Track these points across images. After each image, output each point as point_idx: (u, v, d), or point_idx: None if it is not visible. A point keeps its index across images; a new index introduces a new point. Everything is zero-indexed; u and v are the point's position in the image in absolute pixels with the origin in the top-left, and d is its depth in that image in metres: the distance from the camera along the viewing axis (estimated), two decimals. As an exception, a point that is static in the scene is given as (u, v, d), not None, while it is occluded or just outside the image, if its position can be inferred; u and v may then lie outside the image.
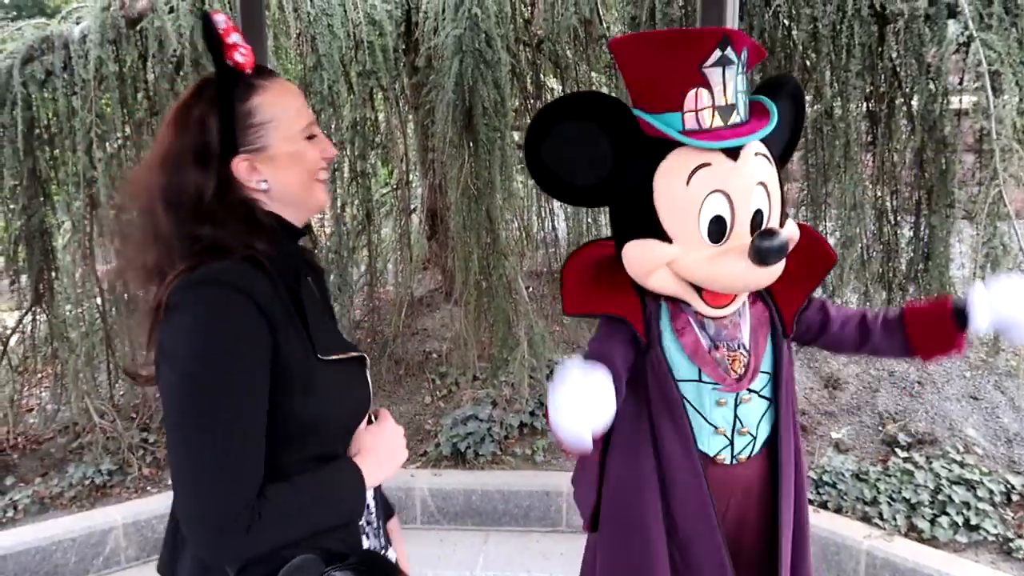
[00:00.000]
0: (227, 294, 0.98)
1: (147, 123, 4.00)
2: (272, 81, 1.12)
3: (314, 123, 1.15)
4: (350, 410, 1.16)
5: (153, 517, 3.20)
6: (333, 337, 1.16)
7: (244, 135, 1.07)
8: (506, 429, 3.92)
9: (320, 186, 1.16)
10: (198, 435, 0.96)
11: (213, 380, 0.96)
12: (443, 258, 4.99)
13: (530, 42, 4.40)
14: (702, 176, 1.34)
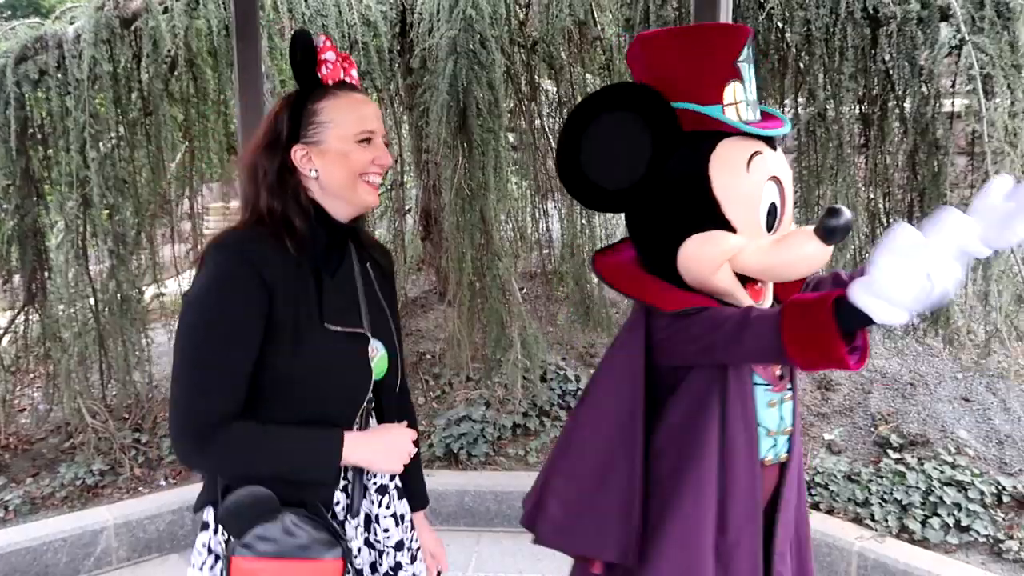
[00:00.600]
0: (231, 257, 1.21)
1: (141, 123, 4.00)
2: (347, 93, 1.31)
3: (374, 133, 1.31)
4: (344, 381, 1.28)
5: (144, 517, 3.19)
6: (348, 315, 1.31)
7: (306, 129, 1.29)
8: (499, 430, 3.92)
9: (366, 187, 1.31)
10: (185, 361, 1.21)
11: (203, 323, 1.20)
12: (437, 259, 4.99)
13: (524, 43, 4.40)
14: (758, 163, 1.33)
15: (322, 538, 1.22)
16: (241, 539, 1.20)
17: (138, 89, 3.92)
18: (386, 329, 1.39)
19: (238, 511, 1.20)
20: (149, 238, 4.12)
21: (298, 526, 1.21)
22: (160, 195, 4.22)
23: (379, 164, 1.31)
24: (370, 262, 1.42)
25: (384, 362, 1.36)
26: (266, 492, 1.21)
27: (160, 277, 4.20)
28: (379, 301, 1.40)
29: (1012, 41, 3.09)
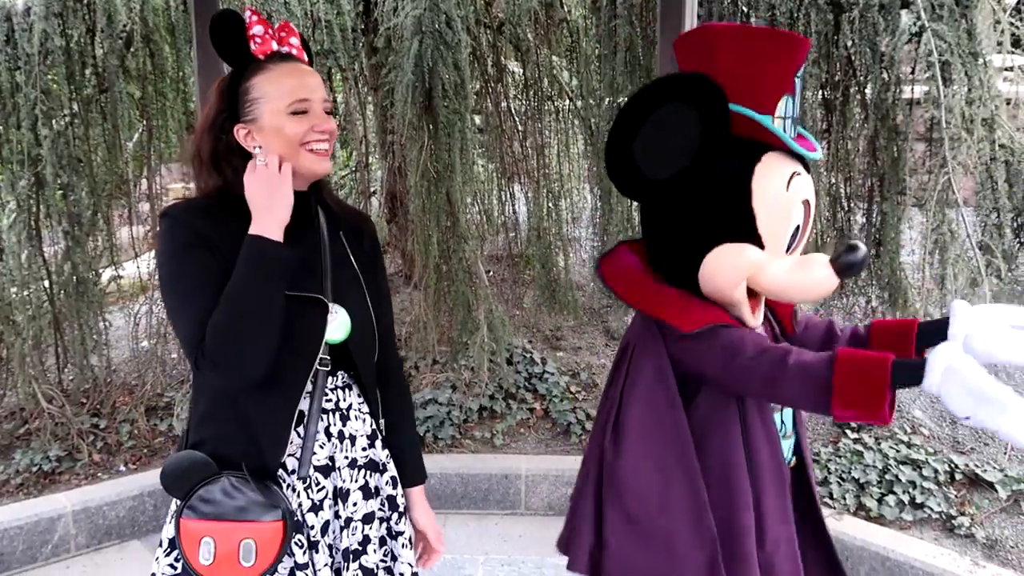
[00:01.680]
0: (172, 224, 1.28)
1: (96, 100, 3.89)
2: (278, 65, 1.32)
3: (309, 101, 1.31)
4: (293, 343, 1.27)
5: (104, 504, 3.14)
6: (305, 276, 1.32)
7: (242, 108, 1.30)
8: (465, 413, 3.92)
9: (310, 155, 1.31)
10: (169, 306, 1.31)
11: (168, 276, 1.28)
12: (403, 242, 4.95)
13: (491, 24, 4.37)
14: (797, 184, 1.31)
15: (260, 500, 1.24)
16: (185, 501, 1.24)
17: (92, 65, 3.80)
18: (355, 297, 1.38)
19: (175, 474, 1.25)
20: (106, 219, 4.01)
21: (236, 488, 1.24)
22: (117, 175, 4.10)
23: (318, 131, 1.31)
24: (343, 229, 1.43)
25: (345, 326, 1.35)
26: (201, 456, 1.26)
27: (118, 259, 4.11)
28: (351, 267, 1.41)
29: (970, 29, 3.14)
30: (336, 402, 1.39)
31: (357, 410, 1.43)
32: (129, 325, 4.26)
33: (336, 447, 1.37)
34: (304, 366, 1.30)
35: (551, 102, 4.73)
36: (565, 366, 4.41)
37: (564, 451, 3.78)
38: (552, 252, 4.65)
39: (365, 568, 1.39)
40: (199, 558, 1.24)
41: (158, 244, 1.31)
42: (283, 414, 1.29)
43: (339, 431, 1.38)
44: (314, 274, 1.34)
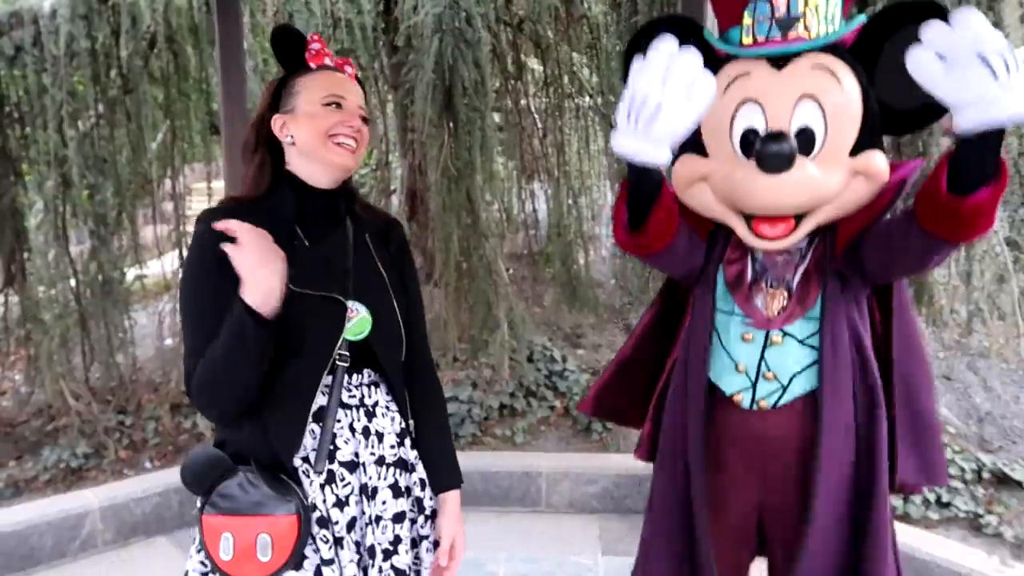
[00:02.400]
0: (202, 232, 1.30)
1: (120, 101, 3.93)
2: (325, 71, 1.41)
3: (343, 99, 1.38)
4: (309, 341, 1.31)
5: (130, 500, 3.17)
6: (325, 277, 1.35)
7: (284, 101, 1.39)
8: (486, 410, 3.93)
9: (336, 148, 1.36)
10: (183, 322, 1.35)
11: (183, 296, 1.33)
12: (423, 239, 4.96)
13: (511, 22, 4.36)
14: (737, 85, 1.30)
15: (275, 495, 1.26)
16: (206, 497, 1.27)
17: (117, 66, 3.85)
18: (379, 296, 1.40)
19: (192, 471, 1.28)
20: (130, 219, 4.07)
21: (251, 483, 1.26)
22: (141, 175, 4.15)
23: (347, 125, 1.37)
24: (370, 232, 1.46)
25: (365, 324, 1.37)
26: (217, 452, 1.29)
27: (142, 258, 4.16)
28: (376, 268, 1.43)
29: (997, 21, 3.09)
30: (361, 398, 1.38)
31: (384, 408, 1.42)
32: (153, 323, 4.31)
33: (361, 443, 1.36)
34: (321, 363, 1.32)
35: (571, 99, 4.71)
36: (585, 364, 4.40)
37: (585, 449, 3.77)
38: (572, 249, 4.64)
39: (397, 569, 1.38)
40: (220, 553, 1.26)
41: (190, 248, 1.35)
42: (298, 411, 1.29)
43: (364, 427, 1.38)
44: (335, 274, 1.36)
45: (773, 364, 1.38)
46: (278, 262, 1.25)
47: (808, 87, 1.26)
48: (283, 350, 1.27)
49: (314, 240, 1.36)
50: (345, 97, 1.38)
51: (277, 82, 1.43)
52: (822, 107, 1.26)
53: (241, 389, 1.26)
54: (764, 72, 1.29)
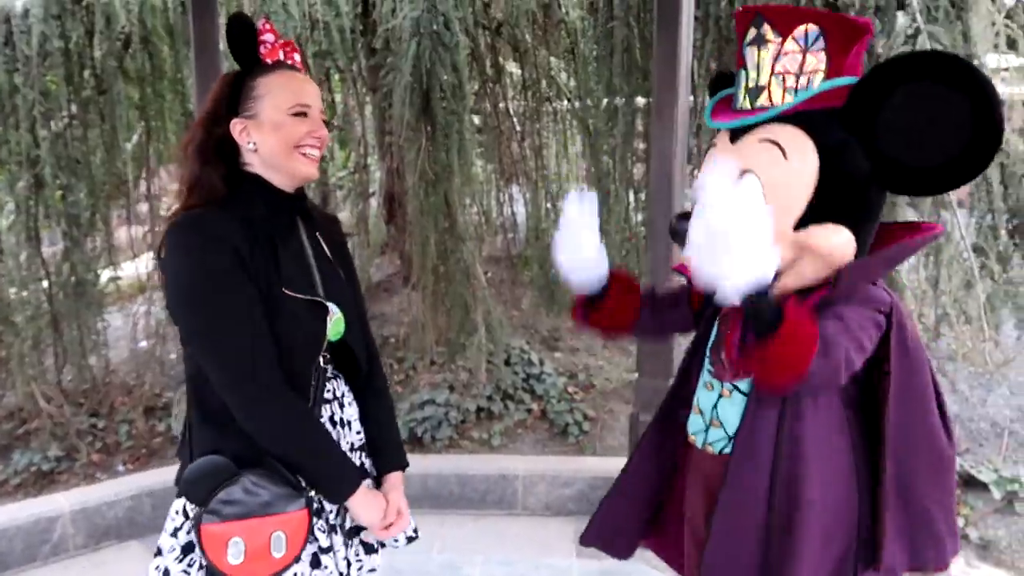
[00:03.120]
0: (198, 235, 1.25)
1: (94, 101, 3.89)
2: (284, 70, 1.37)
3: (309, 108, 1.35)
4: (300, 344, 1.33)
5: (102, 503, 3.14)
6: (304, 279, 1.36)
7: (243, 104, 1.33)
8: (463, 413, 3.93)
9: (302, 159, 1.35)
10: (212, 334, 1.26)
11: (208, 297, 1.25)
12: (401, 242, 4.96)
13: (489, 25, 4.38)
14: (707, 156, 1.35)
15: (283, 492, 1.27)
16: (206, 506, 1.25)
17: (91, 66, 3.81)
18: (342, 292, 1.44)
19: (197, 479, 1.26)
20: (104, 220, 4.03)
21: (258, 485, 1.26)
22: (115, 176, 4.11)
23: (314, 136, 1.36)
24: (318, 230, 1.46)
25: (341, 323, 1.41)
26: (222, 459, 1.27)
27: (116, 260, 4.12)
28: (331, 264, 1.45)
29: (965, 31, 3.16)
30: (333, 391, 1.44)
31: (348, 397, 1.48)
32: (127, 325, 4.27)
33: (340, 433, 1.42)
34: (310, 365, 1.36)
35: (549, 103, 4.74)
36: (563, 367, 4.42)
37: (561, 452, 3.79)
38: (550, 253, 4.65)
39: (365, 544, 1.47)
40: (227, 559, 1.25)
41: (185, 254, 1.26)
42: None
43: (340, 418, 1.44)
44: (307, 275, 1.38)
45: (721, 415, 1.41)
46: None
47: (748, 162, 1.24)
48: (277, 353, 1.28)
49: (284, 241, 1.35)
50: (311, 105, 1.36)
51: (232, 79, 1.36)
52: (760, 181, 1.23)
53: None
54: (724, 144, 1.31)
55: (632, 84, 3.73)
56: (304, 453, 1.29)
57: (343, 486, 1.32)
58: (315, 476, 1.30)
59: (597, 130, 4.11)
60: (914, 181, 1.25)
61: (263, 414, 1.26)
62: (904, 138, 1.20)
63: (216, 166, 1.32)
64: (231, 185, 1.33)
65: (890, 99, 1.20)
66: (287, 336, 1.30)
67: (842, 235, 1.23)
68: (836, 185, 1.23)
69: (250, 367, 1.25)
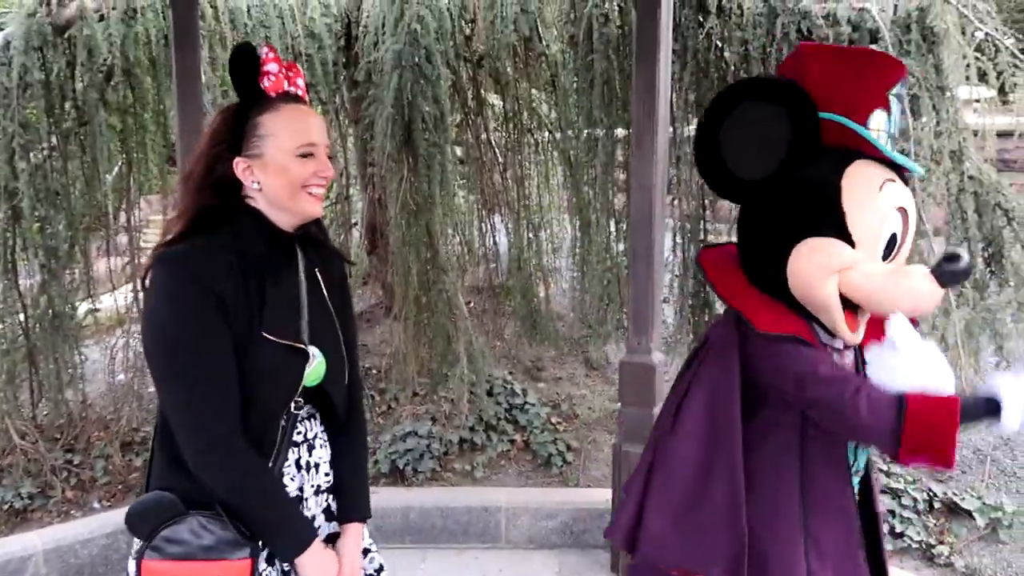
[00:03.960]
0: (181, 275, 1.24)
1: (75, 133, 3.88)
2: (289, 105, 1.33)
3: (316, 146, 1.32)
4: (273, 388, 1.31)
5: (76, 542, 3.07)
6: (290, 322, 1.33)
7: (248, 142, 1.30)
8: (445, 445, 3.89)
9: (308, 198, 1.33)
10: (175, 379, 1.24)
11: (178, 340, 1.23)
12: (383, 273, 4.95)
13: (471, 58, 4.42)
14: (890, 189, 1.33)
15: (229, 538, 1.25)
16: (149, 542, 1.24)
17: (72, 98, 3.80)
18: (329, 335, 1.41)
19: (142, 514, 1.25)
20: (83, 252, 3.99)
21: (205, 528, 1.24)
22: (95, 207, 4.09)
23: (321, 176, 1.33)
24: (318, 267, 1.43)
25: (322, 368, 1.38)
26: (170, 496, 1.26)
27: (95, 292, 4.07)
28: (325, 306, 1.42)
29: (937, 64, 3.23)
30: (304, 433, 1.41)
31: (321, 439, 1.45)
32: (105, 358, 4.21)
33: (304, 477, 1.40)
34: (280, 411, 1.34)
35: (530, 134, 4.77)
36: (546, 397, 4.40)
37: (545, 483, 3.76)
38: (532, 283, 4.66)
39: None
40: None
41: (164, 290, 1.25)
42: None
43: (307, 461, 1.41)
44: (295, 318, 1.35)
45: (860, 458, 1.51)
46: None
47: (912, 204, 1.38)
48: (248, 399, 1.27)
49: (275, 279, 1.32)
50: (316, 143, 1.33)
51: (233, 114, 1.33)
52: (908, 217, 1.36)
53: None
54: (900, 183, 1.36)
55: (612, 116, 3.78)
56: (254, 509, 1.27)
57: (292, 544, 1.31)
58: (264, 532, 1.28)
59: (578, 161, 4.14)
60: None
61: (216, 466, 1.25)
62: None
63: (213, 201, 1.30)
64: (229, 218, 1.31)
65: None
66: (261, 379, 1.28)
67: None
68: None
69: (209, 417, 1.23)
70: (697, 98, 3.70)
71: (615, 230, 4.08)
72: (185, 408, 1.24)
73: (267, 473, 1.29)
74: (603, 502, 3.28)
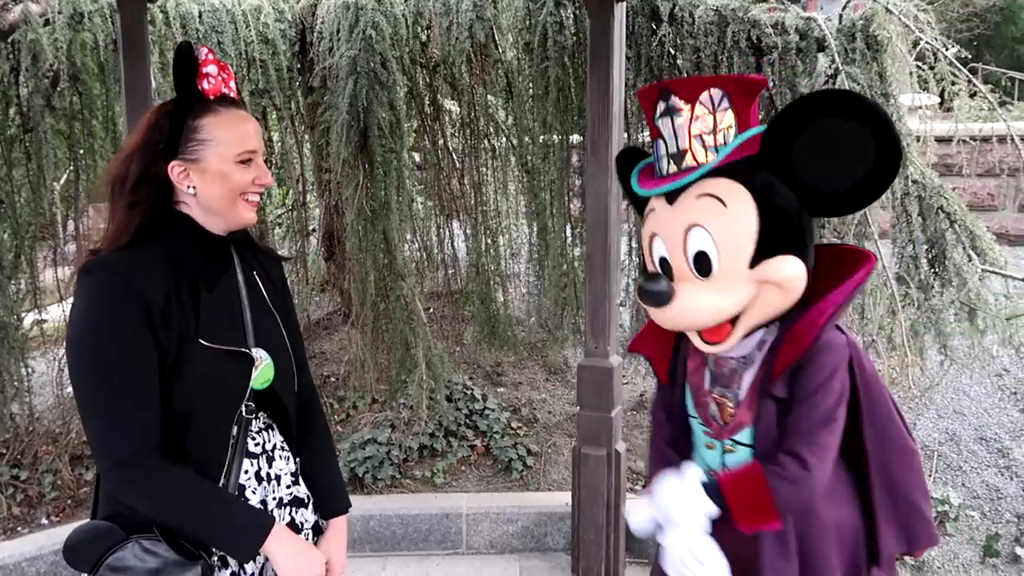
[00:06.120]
0: (107, 283, 1.19)
1: (20, 140, 3.78)
2: (229, 110, 1.30)
3: (255, 153, 1.31)
4: (216, 395, 1.27)
5: (23, 560, 2.99)
6: (231, 326, 1.30)
7: (185, 146, 1.27)
8: (405, 452, 3.88)
9: (245, 205, 1.32)
10: (90, 401, 1.19)
11: (96, 360, 1.18)
12: (341, 280, 4.91)
13: (427, 64, 4.42)
14: (648, 220, 1.45)
15: (175, 559, 1.21)
16: (93, 574, 1.20)
17: (16, 104, 3.71)
18: (274, 336, 1.39)
19: (78, 547, 1.21)
20: (29, 261, 3.88)
21: (148, 551, 1.20)
22: (42, 215, 3.98)
23: (259, 183, 1.33)
24: (256, 270, 1.42)
25: (270, 370, 1.36)
26: (106, 524, 1.22)
27: (41, 302, 3.97)
28: (267, 308, 1.40)
29: (881, 72, 3.32)
30: (262, 444, 1.38)
31: (281, 449, 1.43)
32: (53, 371, 4.10)
33: (266, 489, 1.37)
34: (229, 418, 1.30)
35: (487, 140, 4.78)
36: (506, 402, 4.41)
37: (506, 487, 3.76)
38: (491, 288, 4.67)
39: None
40: None
41: (87, 302, 1.19)
42: (211, 470, 1.27)
43: (267, 473, 1.38)
44: (235, 322, 1.33)
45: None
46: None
47: (693, 217, 1.36)
48: (192, 407, 1.24)
49: (210, 286, 1.29)
50: (256, 150, 1.32)
51: (170, 114, 1.28)
52: (709, 232, 1.35)
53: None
54: (662, 207, 1.42)
55: (567, 122, 3.81)
56: (187, 524, 1.22)
57: (246, 540, 1.25)
58: (212, 539, 1.24)
59: (534, 166, 4.17)
60: (832, 204, 1.39)
61: (129, 487, 1.20)
62: (816, 169, 1.33)
63: (146, 205, 1.25)
64: (160, 225, 1.26)
65: (799, 137, 1.32)
66: (202, 388, 1.24)
67: (793, 263, 1.36)
68: (774, 221, 1.35)
69: (118, 438, 1.18)
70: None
71: (571, 235, 4.11)
72: (95, 428, 1.19)
73: (192, 485, 1.22)
74: (563, 505, 3.30)
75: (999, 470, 3.77)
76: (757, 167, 1.36)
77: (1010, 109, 4.53)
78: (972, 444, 3.96)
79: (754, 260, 1.34)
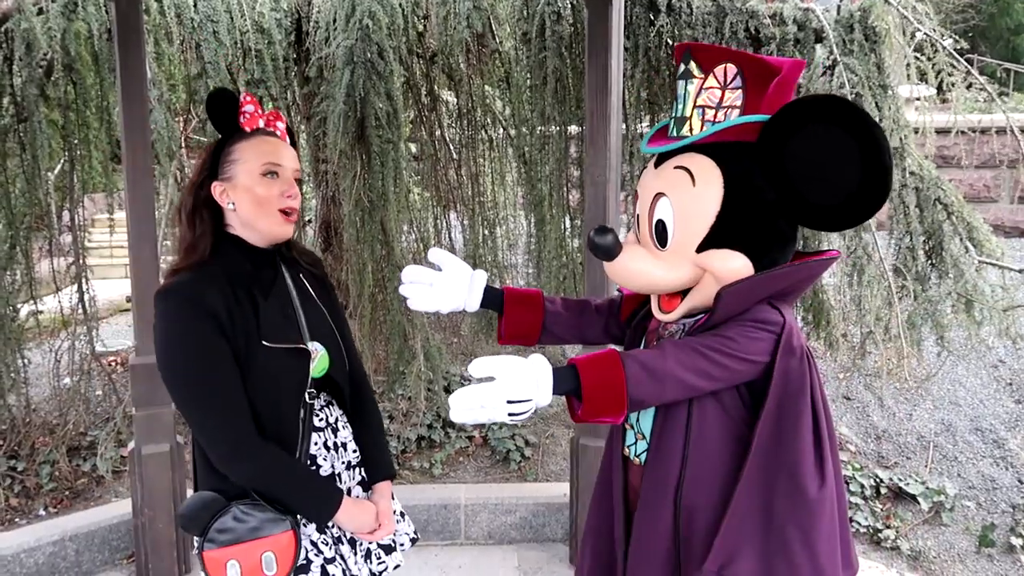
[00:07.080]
0: (184, 304, 1.41)
1: (14, 130, 3.75)
2: (261, 136, 1.53)
3: (280, 167, 1.50)
4: (283, 389, 1.49)
5: (21, 551, 2.98)
6: (288, 327, 1.52)
7: (222, 168, 1.50)
8: (404, 443, 3.88)
9: (277, 217, 1.50)
10: (193, 402, 1.44)
11: (184, 368, 1.42)
12: (338, 271, 4.90)
13: (424, 54, 4.40)
14: (640, 181, 1.45)
15: (269, 517, 1.46)
16: (204, 536, 1.45)
17: (10, 94, 3.68)
18: (325, 329, 1.60)
19: (190, 515, 1.46)
20: (25, 252, 3.86)
21: (247, 513, 1.46)
22: (37, 206, 3.96)
23: (286, 196, 1.50)
24: (302, 271, 1.63)
25: (325, 360, 1.57)
26: (210, 494, 1.47)
27: (37, 293, 3.95)
28: (316, 304, 1.62)
29: (879, 63, 3.32)
30: (326, 419, 1.61)
31: (342, 421, 1.68)
32: (49, 362, 4.09)
33: (335, 457, 1.61)
34: (296, 405, 1.52)
35: (485, 131, 4.77)
36: (503, 393, 4.41)
37: (503, 479, 3.77)
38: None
39: (381, 544, 1.66)
40: None
41: (166, 324, 1.42)
42: (285, 443, 1.50)
43: (335, 443, 1.62)
44: (290, 320, 1.54)
45: (642, 426, 1.51)
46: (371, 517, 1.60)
47: (663, 185, 1.36)
48: (264, 399, 1.45)
49: (265, 293, 1.50)
50: (281, 164, 1.50)
51: (214, 146, 1.53)
52: (672, 204, 1.34)
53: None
54: (650, 167, 1.43)
55: (565, 112, 3.80)
56: (281, 491, 1.47)
57: (323, 511, 1.50)
58: (297, 507, 1.49)
59: (532, 157, 4.16)
60: (817, 217, 1.31)
61: (239, 466, 1.44)
62: (806, 174, 1.28)
63: (203, 229, 1.49)
64: (215, 246, 1.49)
65: (795, 137, 1.27)
66: (269, 381, 1.46)
67: (736, 261, 1.32)
68: (738, 213, 1.31)
69: (223, 429, 1.42)
70: (649, 95, 3.75)
71: (570, 226, 4.11)
72: (202, 426, 1.43)
73: (283, 459, 1.46)
74: (561, 496, 3.31)
75: (994, 460, 3.79)
76: (744, 155, 1.31)
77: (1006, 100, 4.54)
78: (968, 435, 3.98)
79: (703, 245, 1.33)
